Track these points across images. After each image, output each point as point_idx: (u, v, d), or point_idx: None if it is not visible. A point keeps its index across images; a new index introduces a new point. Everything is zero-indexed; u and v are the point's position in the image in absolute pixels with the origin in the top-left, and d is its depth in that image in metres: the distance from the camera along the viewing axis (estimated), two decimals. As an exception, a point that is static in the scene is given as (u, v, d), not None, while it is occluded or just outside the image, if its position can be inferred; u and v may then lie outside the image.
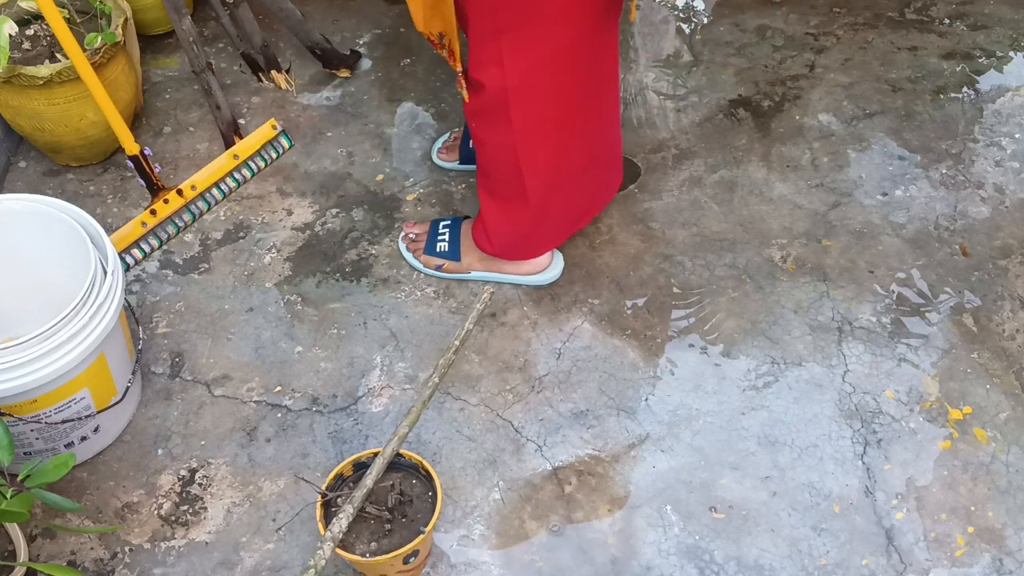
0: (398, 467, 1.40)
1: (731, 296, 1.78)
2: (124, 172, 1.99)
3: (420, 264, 1.81)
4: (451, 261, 1.79)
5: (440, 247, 1.80)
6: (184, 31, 1.89)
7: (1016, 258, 1.83)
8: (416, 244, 1.83)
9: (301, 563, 1.46)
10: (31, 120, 1.86)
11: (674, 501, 1.52)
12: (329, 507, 1.37)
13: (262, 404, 1.65)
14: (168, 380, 1.68)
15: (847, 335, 1.72)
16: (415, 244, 1.83)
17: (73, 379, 1.42)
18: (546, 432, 1.60)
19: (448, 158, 1.98)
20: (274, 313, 1.77)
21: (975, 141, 2.03)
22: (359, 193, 1.96)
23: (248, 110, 2.11)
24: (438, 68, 2.20)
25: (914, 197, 1.93)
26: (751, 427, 1.61)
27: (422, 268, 1.81)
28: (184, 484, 1.55)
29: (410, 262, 1.83)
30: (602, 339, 1.72)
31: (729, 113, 2.10)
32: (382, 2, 2.37)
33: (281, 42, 2.25)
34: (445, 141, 2.01)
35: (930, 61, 2.19)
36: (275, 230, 1.90)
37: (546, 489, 1.54)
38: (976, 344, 1.70)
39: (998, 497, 1.52)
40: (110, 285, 1.43)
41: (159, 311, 1.77)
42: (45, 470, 1.29)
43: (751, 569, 1.45)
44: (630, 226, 1.88)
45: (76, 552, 1.48)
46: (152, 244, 1.84)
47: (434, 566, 1.46)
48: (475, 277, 1.80)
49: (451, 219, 1.84)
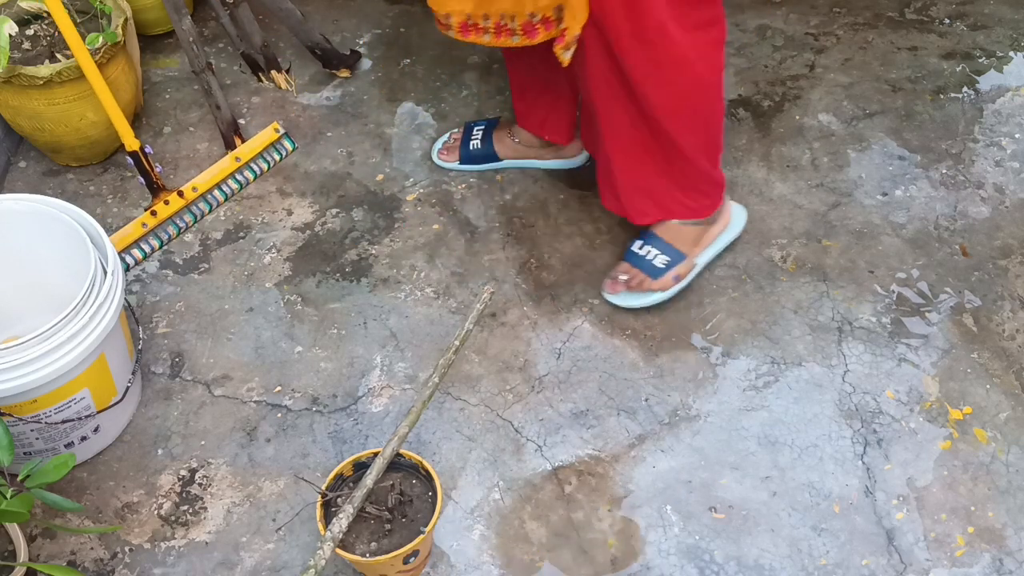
0: (398, 467, 1.40)
1: (731, 296, 1.78)
2: (124, 172, 1.99)
3: (659, 295, 1.73)
4: (679, 263, 1.74)
5: (660, 262, 1.73)
6: (184, 31, 1.90)
7: (1016, 258, 1.83)
8: (632, 282, 1.74)
9: (301, 563, 1.46)
10: (31, 120, 1.86)
11: (674, 501, 1.52)
12: (329, 507, 1.37)
13: (262, 404, 1.65)
14: (168, 380, 1.68)
15: (847, 335, 1.72)
16: (631, 283, 1.74)
17: (73, 379, 1.42)
18: (546, 432, 1.60)
19: (448, 158, 1.98)
20: (274, 313, 1.77)
21: (975, 141, 2.03)
22: (359, 193, 1.96)
23: (248, 110, 2.11)
24: (438, 68, 2.20)
25: (914, 197, 1.93)
26: (751, 427, 1.61)
27: (662, 296, 1.74)
28: (184, 484, 1.55)
29: (643, 304, 1.74)
30: (602, 339, 1.72)
31: (729, 113, 2.10)
32: (382, 2, 2.37)
33: (281, 42, 2.25)
34: (445, 142, 2.01)
35: (930, 61, 2.19)
36: (275, 230, 1.90)
37: (546, 489, 1.54)
38: (976, 344, 1.70)
39: (998, 497, 1.52)
40: (110, 285, 1.43)
41: (159, 311, 1.77)
42: (45, 470, 1.29)
43: (751, 569, 1.45)
44: (630, 226, 1.88)
45: (76, 552, 1.48)
46: (152, 245, 1.85)
47: (434, 566, 1.46)
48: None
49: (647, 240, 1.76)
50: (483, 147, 1.96)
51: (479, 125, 2.00)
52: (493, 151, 1.96)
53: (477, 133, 1.98)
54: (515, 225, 1.90)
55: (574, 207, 1.92)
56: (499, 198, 1.95)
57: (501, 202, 1.94)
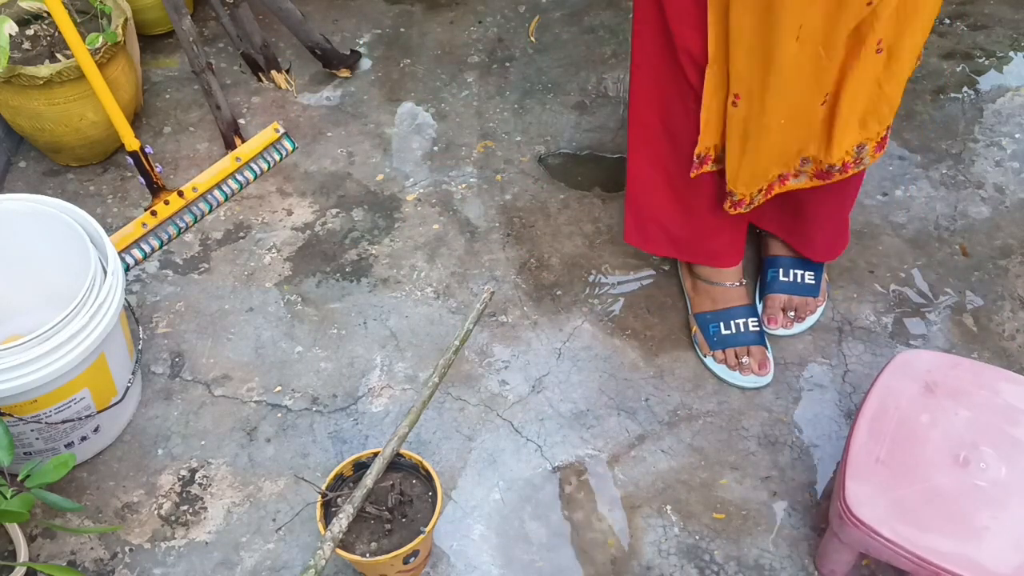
0: (398, 467, 1.40)
1: (731, 296, 1.78)
2: (124, 172, 1.99)
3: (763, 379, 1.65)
4: (820, 269, 1.73)
5: (810, 279, 1.72)
6: (184, 31, 1.90)
7: (1016, 258, 1.83)
8: (801, 313, 1.71)
9: (301, 563, 1.46)
10: (31, 120, 1.86)
11: (674, 501, 1.52)
12: (329, 507, 1.37)
13: (262, 404, 1.65)
14: (168, 380, 1.68)
15: (847, 335, 1.72)
16: (800, 313, 1.71)
17: (73, 379, 1.42)
18: (546, 432, 1.60)
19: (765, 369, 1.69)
20: (274, 313, 1.77)
21: (975, 141, 2.03)
22: (359, 193, 1.96)
23: (248, 110, 2.11)
24: (438, 68, 2.20)
25: (914, 197, 1.93)
26: (751, 427, 1.61)
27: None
28: (184, 484, 1.55)
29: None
30: (602, 339, 1.72)
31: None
32: (382, 2, 2.37)
33: (281, 42, 2.25)
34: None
35: (930, 61, 2.19)
36: (275, 230, 1.90)
37: (546, 489, 1.54)
38: (976, 344, 1.70)
39: (998, 497, 1.52)
40: (110, 285, 1.43)
41: (159, 311, 1.77)
42: (45, 470, 1.29)
43: (751, 569, 1.45)
44: (630, 226, 1.88)
45: (76, 552, 1.48)
46: (152, 245, 1.85)
47: (434, 566, 1.46)
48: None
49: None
50: (740, 322, 1.70)
51: (714, 330, 1.70)
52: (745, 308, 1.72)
53: (727, 328, 1.70)
54: (515, 225, 1.90)
55: (574, 207, 1.92)
56: (499, 198, 1.95)
57: (501, 202, 1.94)
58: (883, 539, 1.25)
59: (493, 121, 2.09)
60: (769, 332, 1.71)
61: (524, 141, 2.04)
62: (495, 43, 2.25)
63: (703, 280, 1.71)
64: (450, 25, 2.30)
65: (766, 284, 1.75)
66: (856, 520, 1.26)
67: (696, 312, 1.71)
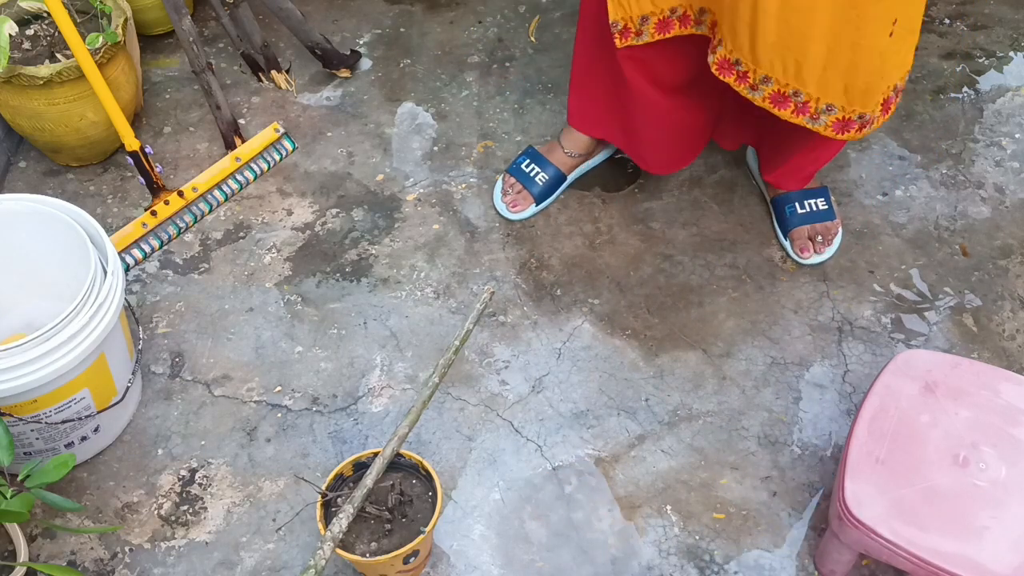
0: (398, 467, 1.40)
1: (731, 296, 1.78)
2: (124, 172, 1.99)
3: None
4: (828, 193, 1.84)
5: (823, 204, 1.83)
6: (184, 31, 1.90)
7: (1016, 258, 1.83)
8: (828, 236, 1.82)
9: (301, 563, 1.46)
10: (31, 120, 1.86)
11: (674, 501, 1.52)
12: (329, 507, 1.37)
13: (262, 404, 1.65)
14: (168, 380, 1.68)
15: (847, 335, 1.72)
16: (828, 237, 1.82)
17: (73, 379, 1.42)
18: (546, 432, 1.60)
19: (523, 206, 1.88)
20: (274, 313, 1.77)
21: (975, 141, 2.03)
22: (359, 193, 1.96)
23: (248, 110, 2.11)
24: (438, 68, 2.20)
25: (914, 197, 1.93)
26: (751, 427, 1.61)
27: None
28: (184, 484, 1.55)
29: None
30: (602, 339, 1.72)
31: (729, 113, 2.10)
32: (382, 2, 2.37)
33: (281, 42, 2.25)
34: (505, 195, 1.90)
35: (930, 61, 2.19)
36: (275, 230, 1.90)
37: (546, 489, 1.54)
38: (976, 344, 1.70)
39: (998, 497, 1.52)
40: (110, 285, 1.43)
41: (159, 311, 1.77)
42: (45, 470, 1.29)
43: (751, 569, 1.45)
44: (630, 226, 1.88)
45: (76, 552, 1.48)
46: (152, 245, 1.85)
47: (434, 566, 1.46)
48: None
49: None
50: (547, 174, 1.88)
51: (523, 160, 1.91)
52: (559, 172, 1.89)
53: (530, 167, 1.89)
54: (515, 225, 1.90)
55: (574, 207, 1.92)
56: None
57: (501, 202, 1.94)
58: (882, 539, 1.25)
59: (493, 121, 2.09)
60: (805, 262, 1.81)
61: (524, 141, 2.04)
62: (495, 43, 2.25)
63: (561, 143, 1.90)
64: (450, 25, 2.30)
65: (786, 220, 1.83)
66: (855, 520, 1.27)
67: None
